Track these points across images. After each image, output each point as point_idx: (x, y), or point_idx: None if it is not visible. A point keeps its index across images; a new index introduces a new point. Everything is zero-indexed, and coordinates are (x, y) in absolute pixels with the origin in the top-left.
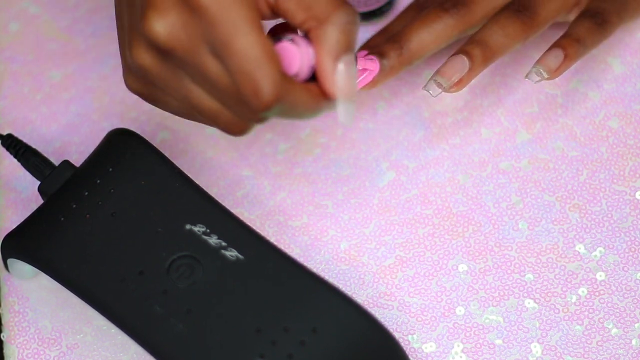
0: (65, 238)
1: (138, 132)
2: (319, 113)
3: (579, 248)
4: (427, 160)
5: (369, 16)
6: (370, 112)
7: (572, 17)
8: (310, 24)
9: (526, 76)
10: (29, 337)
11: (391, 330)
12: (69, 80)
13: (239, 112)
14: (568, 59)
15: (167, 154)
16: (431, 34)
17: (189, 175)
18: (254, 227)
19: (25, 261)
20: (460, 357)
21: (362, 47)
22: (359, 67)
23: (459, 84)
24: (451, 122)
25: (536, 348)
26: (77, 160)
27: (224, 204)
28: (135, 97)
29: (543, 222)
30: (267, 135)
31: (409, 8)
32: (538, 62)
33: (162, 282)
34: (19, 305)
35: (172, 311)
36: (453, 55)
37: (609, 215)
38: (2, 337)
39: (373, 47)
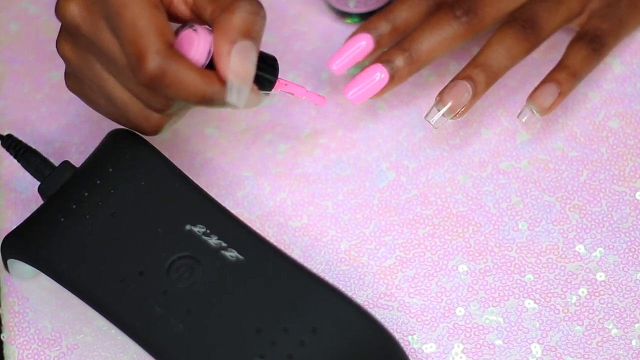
0: (65, 238)
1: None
2: (210, 102)
3: (579, 248)
4: (427, 160)
5: (369, 17)
6: (371, 112)
7: (574, 25)
8: (214, 14)
9: (518, 116)
10: (29, 338)
11: (391, 331)
12: None
13: (146, 101)
14: (562, 95)
15: (167, 155)
16: (441, 41)
17: (188, 175)
18: (254, 228)
19: (25, 261)
20: (461, 357)
21: (362, 30)
22: (369, 76)
23: (462, 111)
24: (451, 122)
25: (536, 348)
26: (77, 160)
27: (224, 204)
28: None
29: (543, 222)
30: (267, 135)
31: None
32: (531, 99)
33: (162, 282)
34: (19, 305)
35: (172, 311)
36: (455, 80)
37: (609, 216)
38: (2, 337)
39: (378, 37)
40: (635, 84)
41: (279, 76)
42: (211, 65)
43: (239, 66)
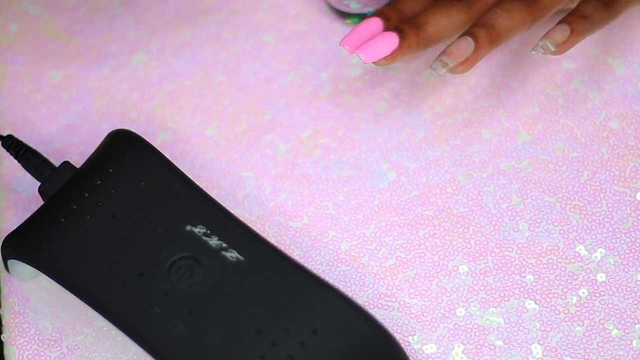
0: (65, 239)
1: (138, 133)
2: None
3: (580, 249)
4: (428, 161)
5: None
6: (371, 112)
7: (575, 4)
8: None
9: (532, 50)
10: (30, 338)
11: (391, 332)
12: (69, 81)
13: None
14: (575, 34)
15: (167, 155)
16: (446, 20)
17: (189, 176)
18: (255, 228)
19: (25, 262)
20: (461, 358)
21: (371, 15)
22: (380, 38)
23: (465, 63)
24: (452, 123)
25: (537, 349)
26: (78, 161)
27: (224, 205)
28: (136, 97)
29: (543, 223)
30: (267, 136)
31: None
32: (544, 36)
33: (162, 283)
34: (19, 306)
35: (172, 312)
36: (459, 37)
37: (610, 216)
38: (2, 338)
39: (387, 20)
40: (636, 85)
41: None
42: None
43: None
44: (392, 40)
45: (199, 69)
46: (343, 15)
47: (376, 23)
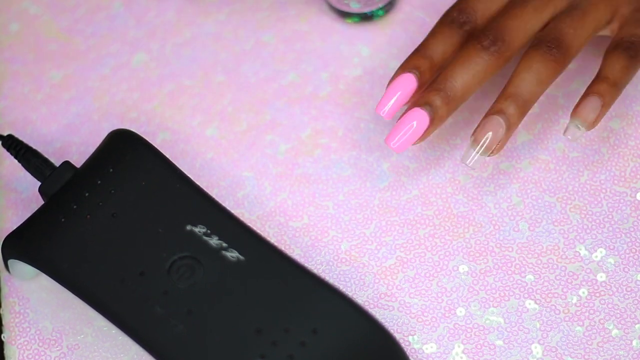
0: (65, 239)
1: (138, 132)
2: None
3: (580, 249)
4: (428, 161)
5: (369, 17)
6: (371, 112)
7: (607, 32)
8: None
9: (565, 133)
10: (30, 338)
11: (392, 331)
12: (69, 81)
13: None
14: (606, 106)
15: (167, 155)
16: (474, 75)
17: (189, 176)
18: (255, 228)
19: (25, 262)
20: (461, 357)
21: (402, 70)
22: (409, 121)
23: (500, 144)
24: (452, 122)
25: (537, 349)
26: (78, 160)
27: (224, 204)
28: (136, 97)
29: (544, 222)
30: (267, 136)
31: (443, 25)
32: (575, 114)
33: (162, 282)
34: (20, 306)
35: (172, 312)
36: (487, 116)
37: (610, 216)
38: (2, 337)
39: (421, 79)
40: (636, 85)
41: None
42: None
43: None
44: (422, 119)
45: (199, 69)
46: (343, 14)
47: (410, 80)
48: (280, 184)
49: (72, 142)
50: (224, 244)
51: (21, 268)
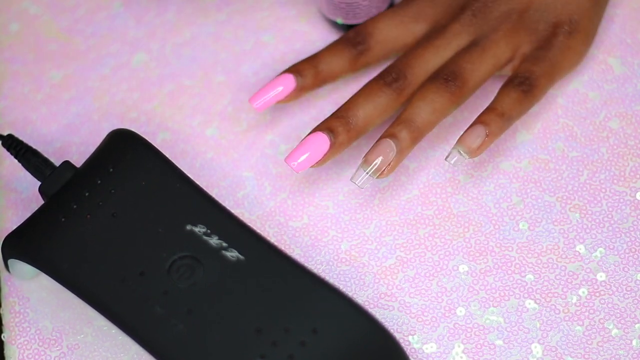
0: (65, 238)
1: (138, 132)
2: None
3: (580, 248)
4: (428, 160)
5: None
6: None
7: (507, 71)
8: None
9: (446, 158)
10: (30, 338)
11: (392, 331)
12: (69, 81)
13: None
14: (491, 136)
15: (167, 155)
16: (375, 107)
17: (189, 175)
18: (255, 228)
19: (25, 261)
20: (461, 357)
21: (286, 71)
22: (310, 144)
23: (389, 167)
24: (451, 122)
25: (537, 348)
26: (78, 160)
27: (224, 204)
28: (136, 97)
29: (543, 222)
30: (267, 136)
31: (339, 42)
32: (459, 141)
33: (162, 282)
34: (20, 305)
35: (172, 311)
36: (380, 139)
37: (610, 216)
38: (2, 337)
39: (301, 85)
40: (636, 85)
41: None
42: None
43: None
44: (323, 143)
45: (199, 69)
46: (335, 24)
47: (289, 81)
48: (280, 184)
49: (72, 142)
50: (224, 244)
51: (21, 268)
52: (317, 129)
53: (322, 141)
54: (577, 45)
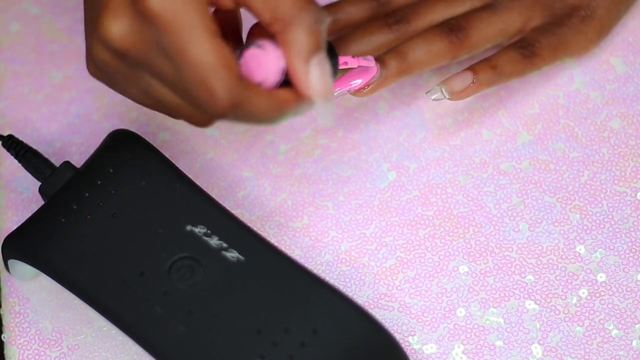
0: (65, 239)
1: (139, 132)
2: (284, 118)
3: (580, 249)
4: (428, 161)
5: None
6: (371, 113)
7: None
8: (276, 27)
9: (427, 93)
10: (30, 338)
11: (392, 332)
12: (69, 81)
13: (199, 109)
14: (477, 84)
15: (167, 155)
16: (370, 45)
17: (189, 176)
18: (255, 228)
19: (25, 262)
20: (461, 358)
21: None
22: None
23: (369, 88)
24: (452, 123)
25: (537, 349)
26: (78, 161)
27: (224, 205)
28: None
29: (544, 223)
30: (267, 136)
31: None
32: (443, 81)
33: (162, 283)
34: (20, 306)
35: (172, 312)
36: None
37: (610, 217)
38: (2, 338)
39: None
40: (637, 85)
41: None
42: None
43: (320, 84)
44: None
45: None
46: None
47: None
48: (280, 184)
49: (73, 142)
50: (224, 244)
51: (21, 268)
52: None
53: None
54: (590, 32)
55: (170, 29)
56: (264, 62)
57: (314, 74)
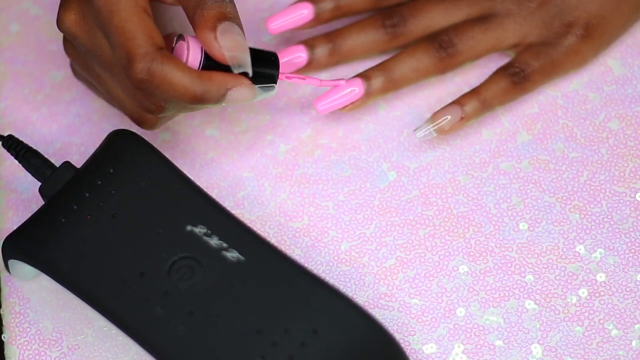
0: (66, 239)
1: (138, 133)
2: (207, 97)
3: (579, 249)
4: (428, 161)
5: None
6: (372, 113)
7: (511, 52)
8: (189, 12)
9: (415, 130)
10: (30, 338)
11: (392, 332)
12: (69, 81)
13: (140, 102)
14: (465, 119)
15: (167, 155)
16: (364, 43)
17: (189, 176)
18: (255, 229)
19: (26, 262)
20: (461, 358)
21: None
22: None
23: (353, 104)
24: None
25: (536, 349)
26: (78, 161)
27: (224, 205)
28: None
29: (543, 223)
30: (267, 136)
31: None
32: (432, 117)
33: (163, 283)
34: (20, 306)
35: (173, 312)
36: (355, 75)
37: (609, 217)
38: (3, 338)
39: (319, 14)
40: (635, 86)
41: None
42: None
43: (229, 41)
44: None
45: None
46: None
47: (308, 10)
48: (281, 184)
49: (73, 142)
50: (224, 245)
51: (21, 268)
52: (301, 42)
53: (301, 52)
54: (586, 50)
55: (104, 4)
56: (185, 51)
57: (221, 35)
